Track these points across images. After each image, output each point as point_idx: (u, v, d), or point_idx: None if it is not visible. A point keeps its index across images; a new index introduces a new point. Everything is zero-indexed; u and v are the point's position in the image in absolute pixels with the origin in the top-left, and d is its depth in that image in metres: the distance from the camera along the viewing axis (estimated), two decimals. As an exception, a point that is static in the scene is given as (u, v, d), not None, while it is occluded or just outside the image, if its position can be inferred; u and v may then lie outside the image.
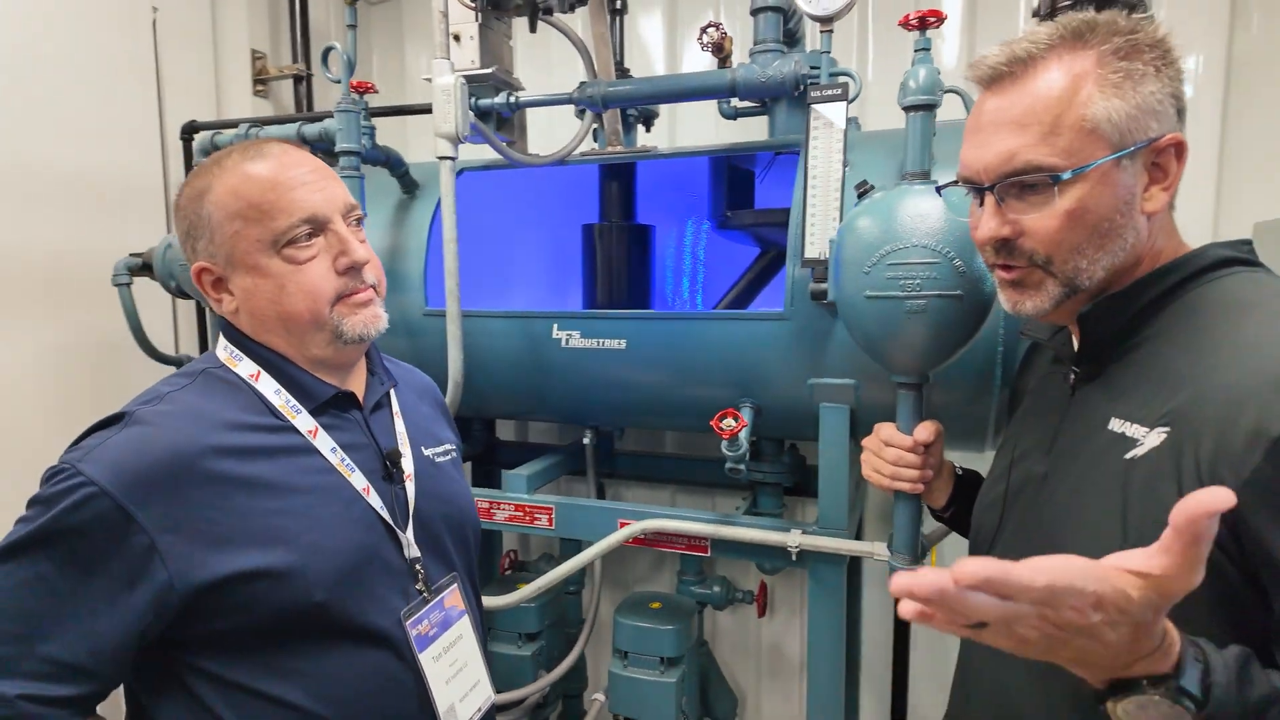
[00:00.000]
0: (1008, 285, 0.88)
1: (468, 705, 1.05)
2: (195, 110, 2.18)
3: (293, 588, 0.89)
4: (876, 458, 1.20)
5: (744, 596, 2.20)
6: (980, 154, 0.83)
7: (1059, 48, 0.79)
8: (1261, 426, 0.65)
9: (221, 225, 0.94)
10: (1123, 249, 0.80)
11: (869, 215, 1.16)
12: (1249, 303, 0.76)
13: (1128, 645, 0.60)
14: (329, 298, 0.96)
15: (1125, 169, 0.78)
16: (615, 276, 1.96)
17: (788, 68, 1.51)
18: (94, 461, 0.85)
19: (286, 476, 0.93)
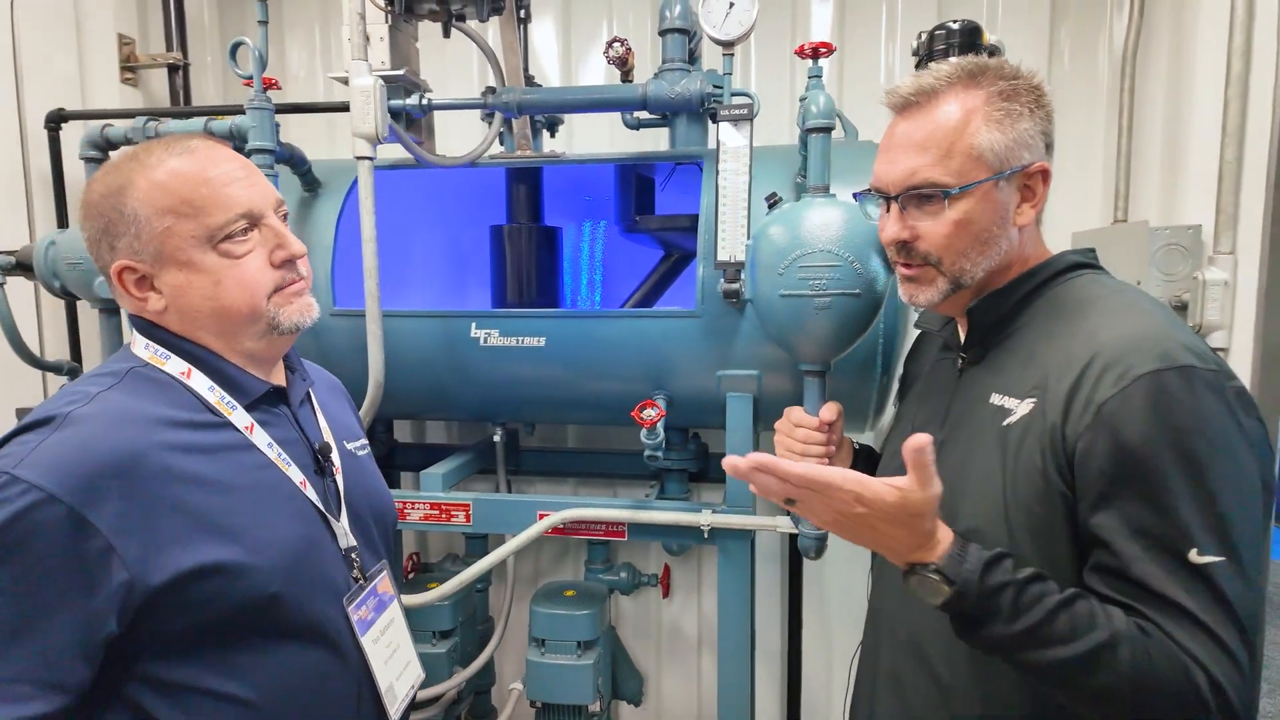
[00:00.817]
0: (906, 280, 1.05)
1: (403, 683, 1.10)
2: (57, 97, 2.02)
3: (248, 581, 0.90)
4: (787, 438, 1.35)
5: (649, 580, 2.33)
6: (889, 169, 1.00)
7: (956, 85, 0.96)
8: (1093, 396, 0.85)
9: (149, 221, 0.92)
10: (999, 254, 0.99)
11: (780, 224, 1.31)
12: (1091, 298, 0.97)
13: (905, 537, 0.86)
14: (266, 290, 0.96)
15: (1002, 189, 0.96)
16: (526, 276, 2.02)
17: (694, 86, 1.65)
18: (33, 466, 0.81)
19: (230, 473, 0.94)
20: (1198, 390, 0.82)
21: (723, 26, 1.57)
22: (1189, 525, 0.81)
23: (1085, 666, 0.81)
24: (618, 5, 2.51)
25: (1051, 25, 2.29)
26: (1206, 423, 0.82)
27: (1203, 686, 0.79)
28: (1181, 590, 0.80)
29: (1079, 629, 0.82)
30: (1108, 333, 0.89)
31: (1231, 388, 0.84)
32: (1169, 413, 0.82)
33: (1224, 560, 0.80)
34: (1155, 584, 0.81)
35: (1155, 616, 0.81)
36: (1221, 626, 0.80)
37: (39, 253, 1.61)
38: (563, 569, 2.69)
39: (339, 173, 1.95)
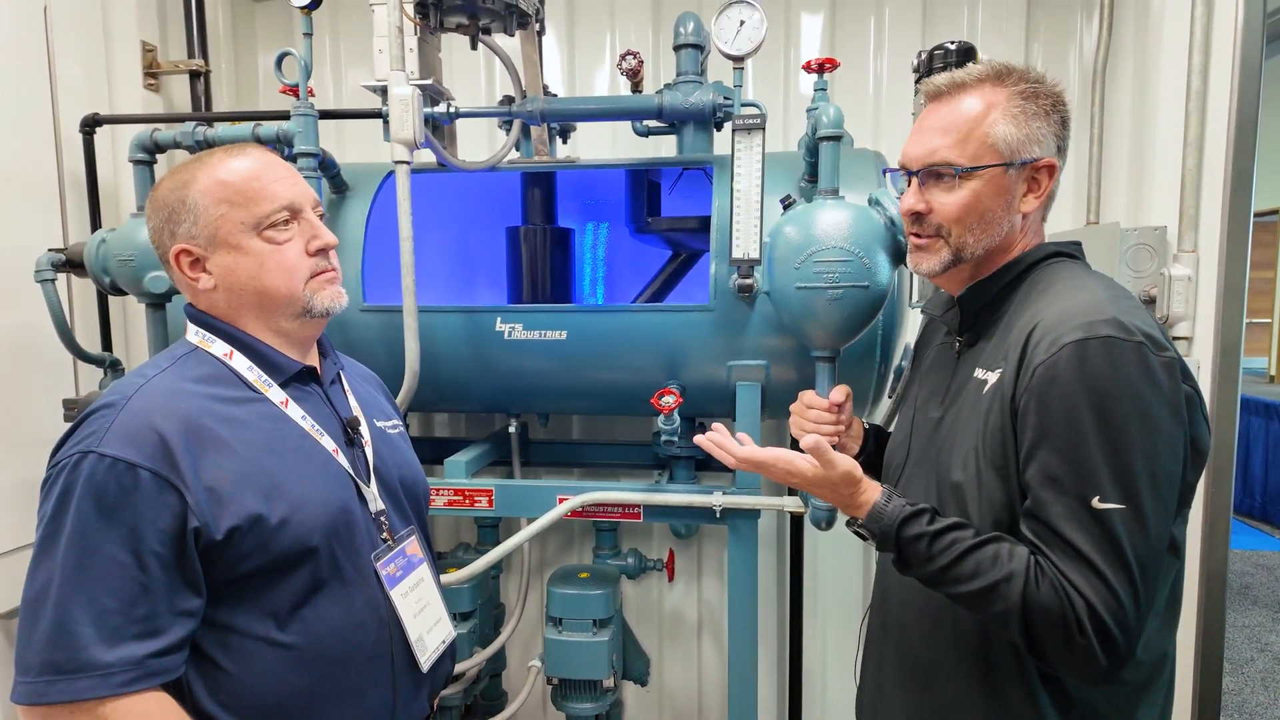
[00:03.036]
0: (915, 249, 1.19)
1: (433, 636, 1.21)
2: (88, 103, 2.09)
3: (290, 533, 1.02)
4: (801, 418, 1.48)
5: (654, 564, 2.45)
6: (914, 148, 1.14)
7: (984, 82, 1.10)
8: (1030, 361, 0.99)
9: (207, 209, 1.07)
10: (999, 234, 1.12)
11: (796, 224, 1.45)
12: (1052, 281, 1.10)
13: (836, 498, 1.12)
14: (303, 275, 1.10)
15: (1010, 177, 1.10)
16: (542, 274, 2.14)
17: (706, 97, 1.78)
18: (112, 441, 0.95)
19: (271, 439, 1.06)
20: (1116, 356, 0.94)
21: (734, 43, 1.70)
22: (1095, 475, 0.93)
23: (985, 597, 0.98)
24: (620, 18, 2.64)
25: (1026, 40, 2.46)
26: (1121, 385, 0.93)
27: (1080, 611, 0.92)
28: (1079, 532, 0.94)
29: (982, 568, 0.98)
30: (1053, 308, 1.03)
31: (1161, 358, 0.96)
32: (1087, 374, 0.94)
33: (1123, 509, 0.93)
34: (1059, 526, 0.95)
35: (1054, 556, 0.95)
36: (1109, 564, 0.92)
37: (90, 249, 1.69)
38: (569, 557, 2.80)
39: (365, 176, 2.05)
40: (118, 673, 0.91)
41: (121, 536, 0.92)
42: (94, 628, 0.91)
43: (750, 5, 1.67)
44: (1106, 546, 0.93)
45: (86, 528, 0.92)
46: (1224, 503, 1.87)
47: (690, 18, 1.92)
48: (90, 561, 0.92)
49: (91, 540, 0.92)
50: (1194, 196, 1.75)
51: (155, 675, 0.94)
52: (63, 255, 1.74)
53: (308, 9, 1.65)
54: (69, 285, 2.02)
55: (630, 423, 2.64)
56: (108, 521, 0.92)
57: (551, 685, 2.16)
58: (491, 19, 1.76)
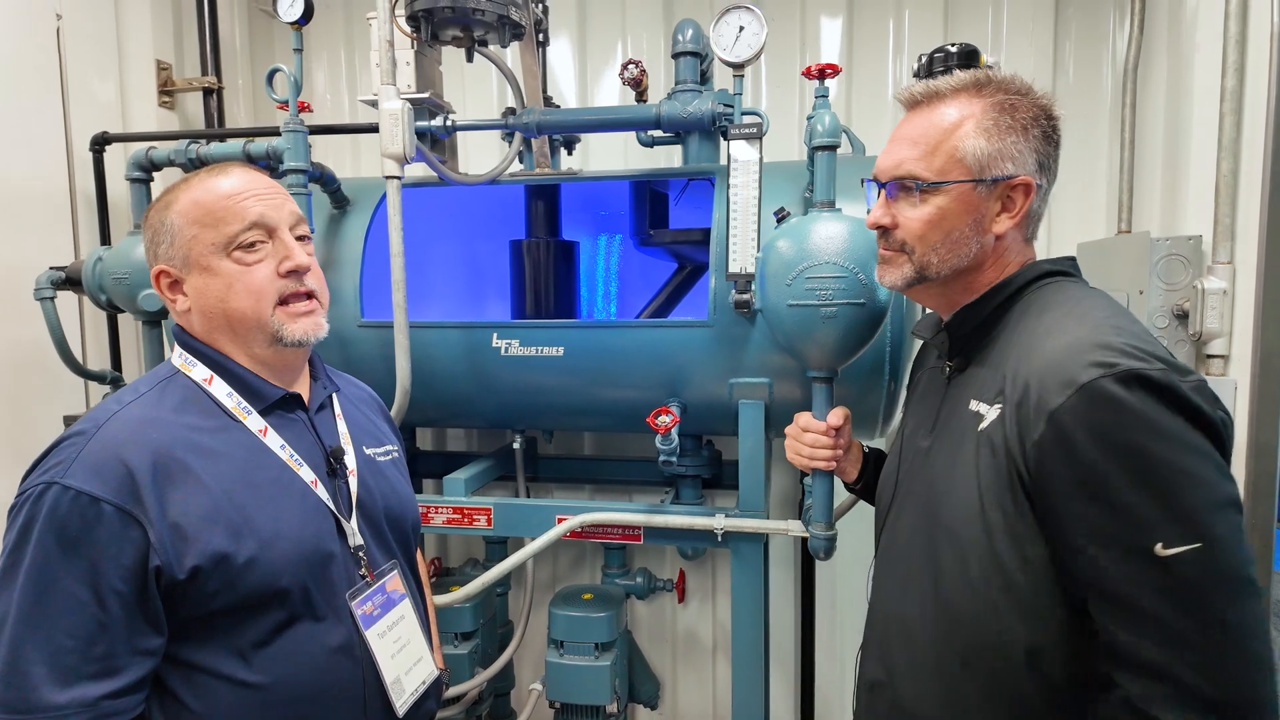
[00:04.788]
0: (880, 261, 1.12)
1: (413, 677, 1.16)
2: (100, 120, 2.12)
3: (258, 573, 0.98)
4: (797, 442, 1.41)
5: (664, 585, 2.39)
6: (884, 159, 1.07)
7: (961, 92, 1.02)
8: (1046, 402, 0.88)
9: (181, 230, 1.05)
10: (967, 255, 1.04)
11: (788, 237, 1.38)
12: (1050, 305, 1.01)
13: None
14: (272, 298, 1.05)
15: (980, 194, 1.02)
16: (545, 289, 2.10)
17: (705, 105, 1.72)
18: (77, 473, 0.92)
19: (246, 472, 1.02)
20: (1142, 389, 0.84)
21: (733, 49, 1.64)
22: (1150, 521, 0.82)
23: None
24: (631, 27, 2.59)
25: (1055, 41, 2.35)
26: (1155, 419, 0.83)
27: None
28: (1146, 590, 0.82)
29: None
30: (1055, 339, 0.93)
31: (1188, 383, 0.85)
32: (1116, 414, 0.84)
33: (1197, 547, 0.81)
34: (1125, 590, 0.84)
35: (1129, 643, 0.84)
36: (1194, 627, 0.80)
37: (87, 268, 1.71)
38: (579, 574, 2.75)
39: (366, 190, 2.04)
40: (70, 715, 0.88)
41: (82, 572, 0.90)
42: (47, 667, 0.88)
43: (750, 10, 1.61)
44: (1185, 600, 0.81)
45: (46, 562, 0.90)
46: (1268, 525, 1.73)
47: (689, 24, 1.87)
48: (48, 598, 0.89)
49: (50, 575, 0.90)
50: (1230, 204, 1.63)
51: (109, 716, 0.91)
52: (63, 273, 1.76)
53: (297, 24, 1.63)
54: (80, 302, 2.05)
55: (643, 438, 2.58)
56: (68, 556, 0.90)
57: (554, 709, 2.11)
58: (485, 30, 1.73)
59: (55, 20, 2.02)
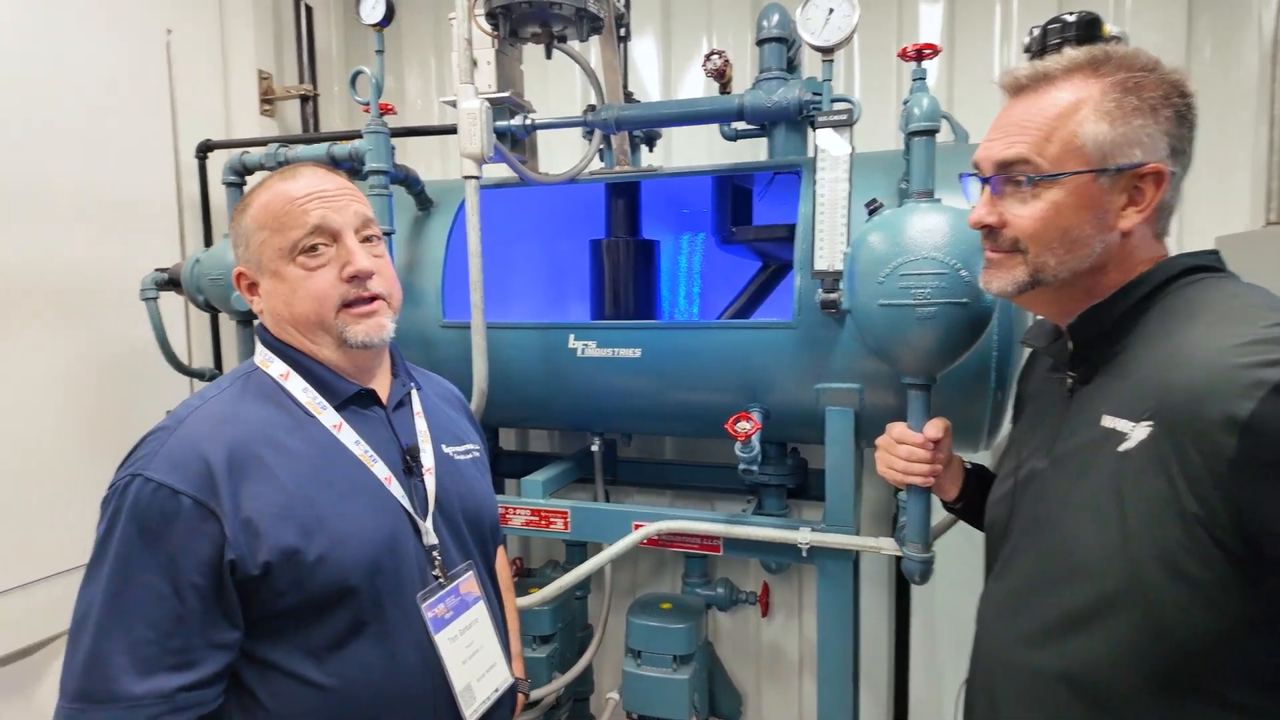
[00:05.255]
0: (986, 264, 0.99)
1: (484, 685, 1.12)
2: (206, 129, 2.23)
3: (330, 572, 0.97)
4: (890, 455, 1.29)
5: (747, 597, 2.29)
6: (987, 149, 0.95)
7: (1075, 73, 0.90)
8: (1229, 413, 0.74)
9: (253, 234, 1.06)
10: (1089, 256, 0.91)
11: (881, 231, 1.27)
12: (1203, 304, 0.86)
13: None
14: (334, 303, 1.04)
15: (1103, 186, 0.88)
16: (624, 289, 2.05)
17: (791, 94, 1.63)
18: (159, 466, 0.93)
19: (320, 468, 1.01)
20: None
21: (822, 33, 1.53)
22: None
23: None
24: (717, 19, 2.52)
25: (1190, 16, 2.11)
26: None
27: None
28: None
29: None
30: (1216, 339, 0.79)
31: None
32: None
33: None
34: None
35: None
36: None
37: (186, 270, 1.78)
38: (660, 581, 2.69)
39: (450, 192, 2.04)
40: (147, 705, 0.89)
41: (161, 564, 0.91)
42: (128, 657, 0.89)
43: (840, -10, 1.50)
44: None
45: (129, 553, 0.91)
46: None
47: (774, 9, 1.77)
48: (129, 589, 0.91)
49: (132, 566, 0.91)
50: None
51: (185, 709, 0.91)
52: (166, 274, 1.84)
53: (380, 26, 1.65)
54: (185, 303, 2.15)
55: (725, 443, 2.47)
56: (149, 547, 0.91)
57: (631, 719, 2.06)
58: (564, 25, 1.70)
59: (165, 36, 2.12)
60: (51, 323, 1.81)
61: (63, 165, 1.82)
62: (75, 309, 1.86)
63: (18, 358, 1.73)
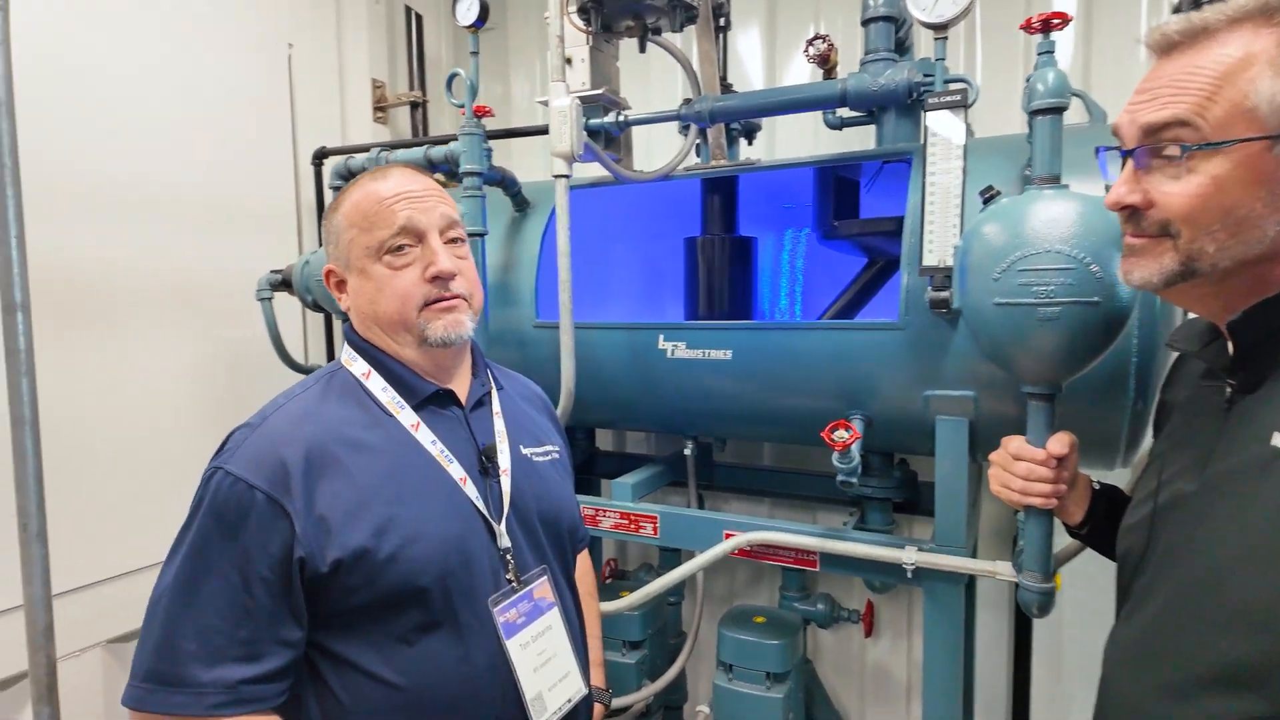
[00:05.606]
0: (1127, 252, 0.85)
1: (556, 695, 1.08)
2: (323, 137, 2.34)
3: (401, 571, 0.96)
4: (1005, 472, 1.16)
5: (849, 615, 2.16)
6: (1131, 113, 0.81)
7: (1242, 23, 0.75)
8: None
9: (343, 233, 1.07)
10: (1259, 242, 0.75)
11: (997, 221, 1.13)
12: None
13: None
14: (416, 302, 1.04)
15: (1276, 156, 0.73)
16: (717, 288, 1.97)
17: (900, 76, 1.50)
18: (239, 461, 0.96)
19: (395, 467, 1.01)
20: None
21: (934, 9, 1.41)
22: None
23: None
24: (825, 4, 2.39)
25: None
26: None
27: None
28: None
29: None
30: None
31: None
32: None
33: None
34: None
35: None
36: None
37: (296, 271, 1.87)
38: (757, 592, 2.59)
39: (547, 193, 2.04)
40: (210, 694, 0.91)
41: (234, 556, 0.93)
42: (196, 644, 0.91)
43: (955, -40, 1.37)
44: None
45: (205, 542, 0.94)
46: None
47: (883, -15, 1.64)
48: (203, 577, 0.93)
49: (207, 555, 0.94)
50: None
51: (249, 702, 0.92)
52: (280, 275, 1.94)
53: (474, 27, 1.65)
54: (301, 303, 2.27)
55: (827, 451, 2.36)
56: (224, 538, 0.93)
57: (721, 735, 1.98)
58: (658, 17, 1.65)
59: (287, 49, 2.24)
60: (179, 322, 1.94)
61: (192, 174, 1.95)
62: (201, 308, 1.99)
63: (149, 354, 1.87)
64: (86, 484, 1.75)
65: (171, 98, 1.91)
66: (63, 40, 1.69)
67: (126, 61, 1.81)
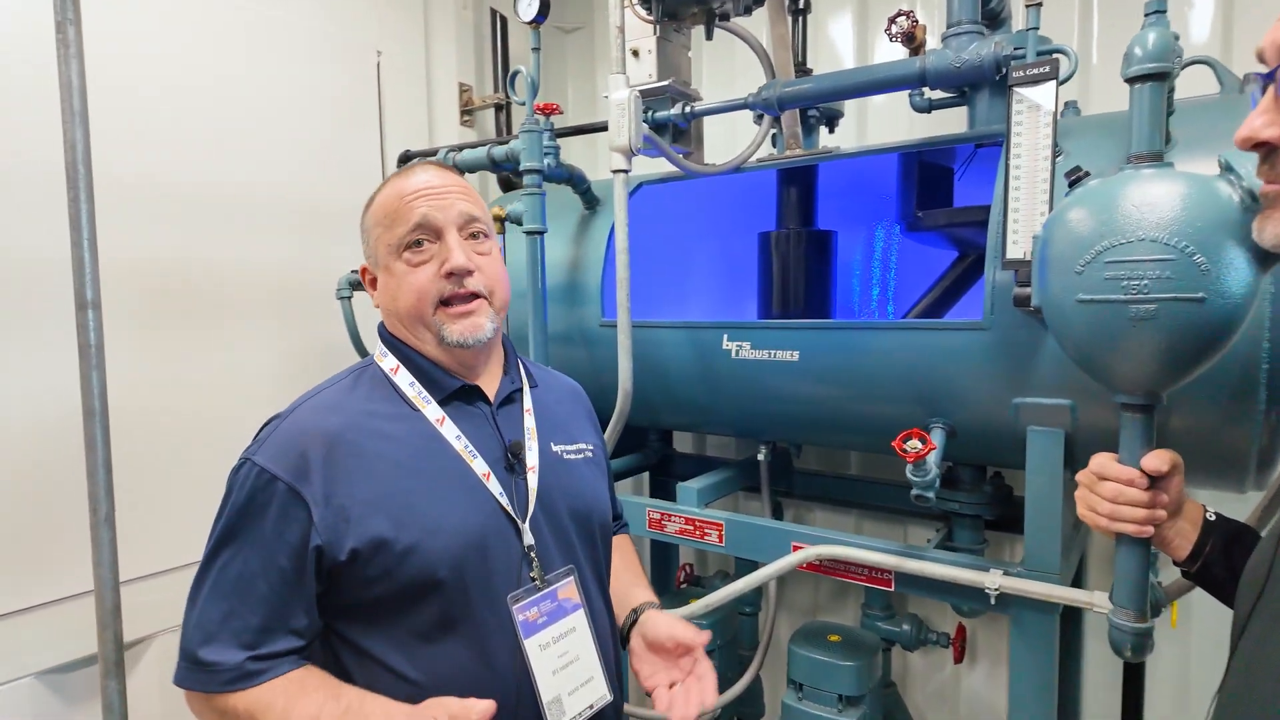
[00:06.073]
0: (1266, 205, 0.72)
1: (577, 699, 1.04)
2: (410, 141, 2.41)
3: (419, 563, 0.95)
4: (1091, 493, 1.01)
5: (938, 639, 1.99)
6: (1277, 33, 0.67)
7: None
8: None
9: (371, 230, 1.10)
10: None
11: (1082, 205, 0.99)
12: None
13: None
14: (432, 298, 1.04)
15: None
16: (792, 286, 1.87)
17: (986, 50, 1.35)
18: (264, 452, 0.98)
19: (417, 461, 1.01)
20: None
21: (1025, -31, 1.26)
22: None
23: None
24: (923, -20, 2.23)
25: None
26: None
27: None
28: None
29: None
30: None
31: None
32: None
33: None
34: None
35: None
36: None
37: (370, 271, 1.93)
38: (842, 607, 2.45)
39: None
40: (223, 673, 0.93)
41: (256, 545, 0.96)
42: (219, 625, 0.95)
43: (1049, -86, 1.21)
44: None
45: (232, 531, 0.97)
46: None
47: (969, -49, 1.49)
48: (229, 564, 0.96)
49: (232, 544, 0.97)
50: None
51: (255, 675, 0.94)
52: (359, 275, 2.00)
53: (535, 22, 1.64)
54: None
55: (919, 460, 2.21)
56: (249, 528, 0.96)
57: (792, 757, 1.88)
58: (723, 1, 1.57)
59: (376, 57, 2.32)
60: (267, 319, 2.05)
61: (281, 179, 2.05)
62: (290, 308, 2.09)
63: (238, 350, 1.98)
64: (169, 475, 1.84)
65: (264, 107, 2.01)
66: (165, 55, 1.81)
67: (221, 73, 1.92)
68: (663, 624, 1.13)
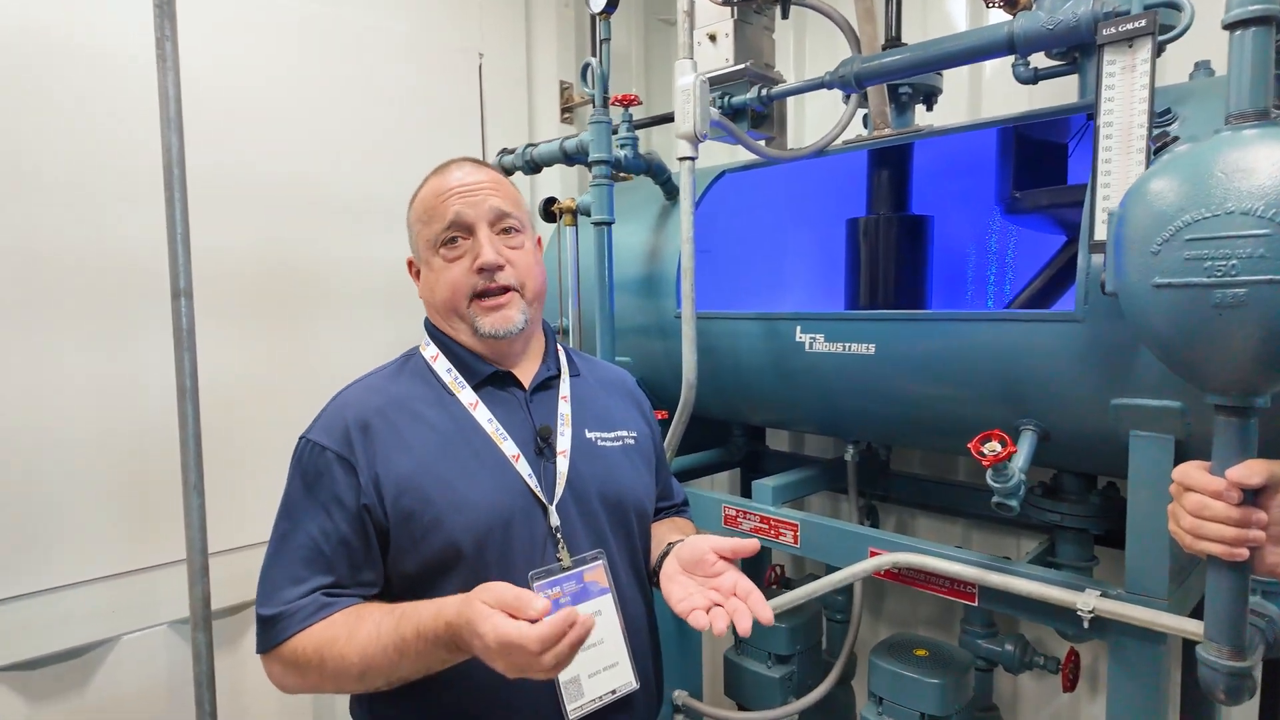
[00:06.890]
0: None
1: (597, 683, 1.05)
2: (511, 139, 2.48)
3: (443, 536, 1.01)
4: (1178, 506, 0.88)
5: (1046, 663, 1.81)
6: None
7: None
8: None
9: (413, 227, 1.16)
10: None
11: (1165, 174, 0.86)
12: None
13: None
14: (465, 293, 1.10)
15: None
16: (880, 275, 1.76)
17: (1083, 9, 1.20)
18: (315, 430, 1.08)
19: (449, 441, 1.06)
20: None
21: (1127, -89, 1.11)
22: None
23: None
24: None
25: None
26: None
27: None
28: None
29: None
30: None
31: None
32: None
33: None
34: None
35: None
36: None
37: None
38: (947, 621, 2.29)
39: (702, 178, 1.97)
40: (289, 618, 1.00)
41: (316, 510, 1.04)
42: (287, 588, 1.02)
43: None
44: None
45: (294, 501, 1.07)
46: None
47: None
48: (292, 533, 1.05)
49: (295, 514, 1.06)
50: None
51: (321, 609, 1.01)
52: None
53: (605, 13, 1.64)
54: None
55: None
56: (307, 498, 1.05)
57: (873, 774, 1.77)
58: (796, -23, 1.50)
59: (478, 59, 2.42)
60: (377, 312, 2.19)
61: (388, 179, 2.18)
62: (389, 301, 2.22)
63: (349, 340, 2.13)
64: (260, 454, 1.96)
65: (375, 110, 2.15)
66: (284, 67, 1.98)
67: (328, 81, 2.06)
68: (700, 540, 1.07)
